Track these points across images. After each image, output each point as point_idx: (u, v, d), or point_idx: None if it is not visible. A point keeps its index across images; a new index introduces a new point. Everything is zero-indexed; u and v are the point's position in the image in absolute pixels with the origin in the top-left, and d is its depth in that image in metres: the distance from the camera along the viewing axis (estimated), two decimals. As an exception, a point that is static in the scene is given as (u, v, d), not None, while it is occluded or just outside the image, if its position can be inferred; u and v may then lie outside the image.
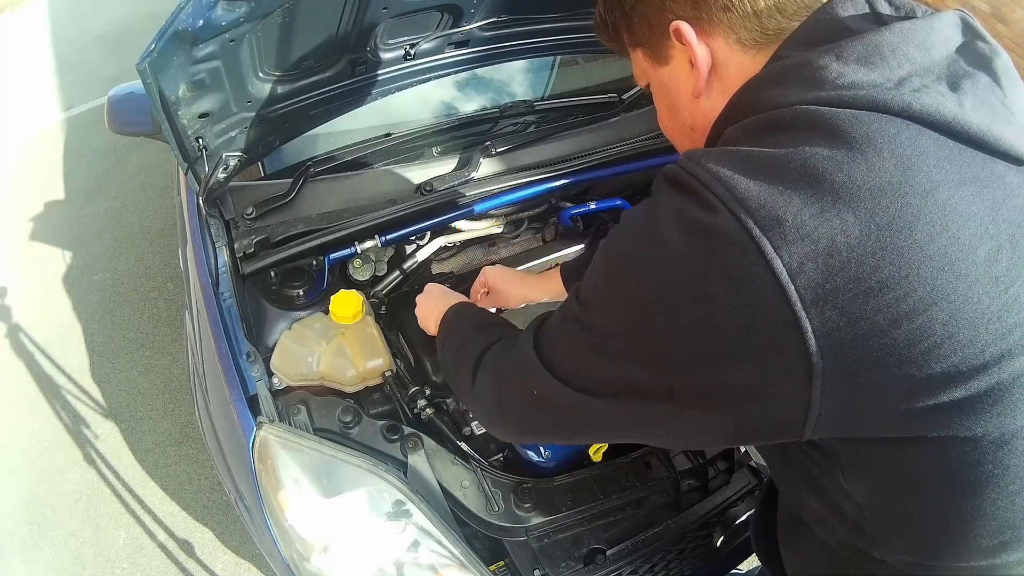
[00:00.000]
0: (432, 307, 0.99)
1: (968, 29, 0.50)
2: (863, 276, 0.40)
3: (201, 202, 1.09)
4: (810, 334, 0.40)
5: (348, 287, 1.21)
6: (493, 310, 1.22)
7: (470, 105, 1.60)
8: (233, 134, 1.03)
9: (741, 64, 0.54)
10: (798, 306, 0.40)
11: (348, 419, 0.99)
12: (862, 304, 0.40)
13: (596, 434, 0.59)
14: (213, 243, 1.11)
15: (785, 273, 0.40)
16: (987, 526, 0.47)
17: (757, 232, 0.41)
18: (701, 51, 0.54)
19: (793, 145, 0.43)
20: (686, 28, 0.54)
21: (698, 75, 0.55)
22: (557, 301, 1.11)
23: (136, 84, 1.20)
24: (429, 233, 1.31)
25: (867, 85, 0.44)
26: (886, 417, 0.43)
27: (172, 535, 1.70)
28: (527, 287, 1.13)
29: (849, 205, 0.40)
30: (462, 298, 0.99)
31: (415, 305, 1.06)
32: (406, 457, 0.96)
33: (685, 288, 0.44)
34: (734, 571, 1.12)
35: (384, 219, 1.17)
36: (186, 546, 1.68)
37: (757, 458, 1.13)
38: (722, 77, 0.55)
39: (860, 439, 0.47)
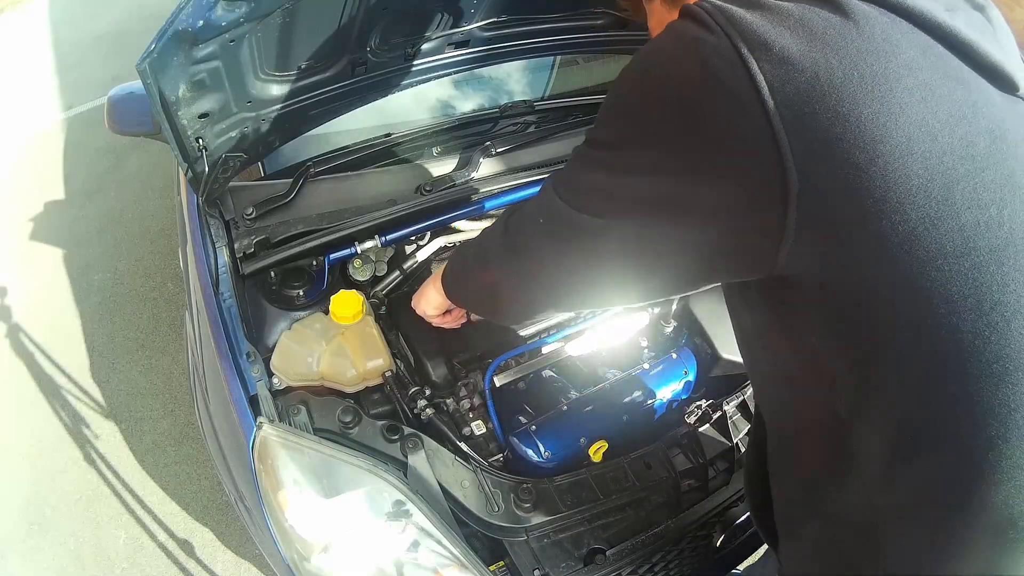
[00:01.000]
0: (426, 287, 1.00)
1: None
2: (842, 110, 0.42)
3: (201, 202, 1.09)
4: (787, 150, 0.43)
5: (348, 287, 1.21)
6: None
7: (470, 105, 1.60)
8: (233, 134, 1.03)
9: None
10: (776, 119, 0.43)
11: (348, 419, 0.99)
12: (840, 134, 0.42)
13: (587, 265, 0.62)
14: (213, 243, 1.11)
15: (766, 87, 0.43)
16: (975, 410, 0.45)
17: (745, 50, 0.44)
18: None
19: (798, 4, 0.47)
20: None
21: None
22: None
23: (136, 84, 1.20)
24: (429, 233, 1.31)
25: None
26: (860, 260, 0.45)
27: (172, 535, 1.70)
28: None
29: (836, 52, 0.44)
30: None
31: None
32: (406, 457, 0.96)
33: (677, 93, 0.48)
34: (734, 571, 1.12)
35: (384, 219, 1.17)
36: (186, 546, 1.68)
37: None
38: None
39: (829, 291, 0.47)
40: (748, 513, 1.02)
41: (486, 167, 1.33)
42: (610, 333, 1.27)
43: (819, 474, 0.59)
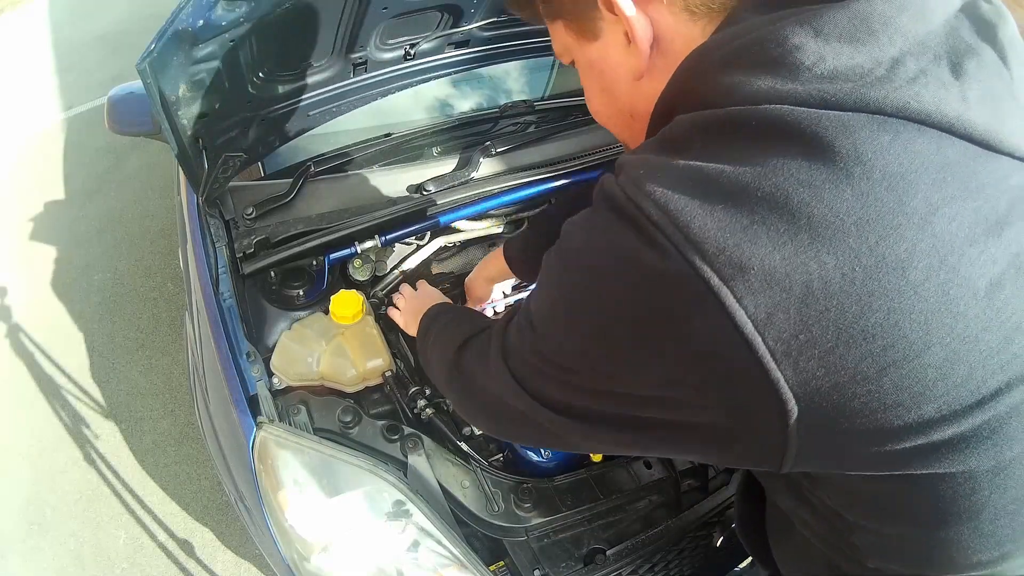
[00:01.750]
0: (419, 306, 0.98)
1: None
2: (845, 325, 0.34)
3: (201, 202, 1.09)
4: (783, 384, 0.35)
5: (348, 287, 1.21)
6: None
7: (470, 105, 1.60)
8: (233, 134, 1.03)
9: (690, 37, 0.44)
10: (767, 359, 0.34)
11: (348, 419, 0.99)
12: (844, 354, 0.34)
13: (566, 446, 0.53)
14: (213, 243, 1.11)
15: (751, 325, 0.34)
16: (986, 543, 0.43)
17: (716, 281, 0.34)
18: (640, 23, 0.44)
19: (762, 161, 0.35)
20: None
21: (638, 53, 0.45)
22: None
23: (136, 84, 1.20)
24: (429, 233, 1.31)
25: (854, 75, 0.36)
26: (871, 457, 0.39)
27: (172, 535, 1.70)
28: (491, 270, 1.13)
29: (830, 244, 0.33)
30: (441, 298, 0.99)
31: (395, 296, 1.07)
32: (406, 457, 0.96)
33: (642, 333, 0.38)
34: (734, 571, 1.12)
35: (384, 219, 1.17)
36: (186, 546, 1.68)
37: None
38: (667, 54, 0.45)
39: (842, 475, 0.42)
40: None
41: (486, 167, 1.33)
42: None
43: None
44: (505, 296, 1.28)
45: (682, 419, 0.41)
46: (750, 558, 1.12)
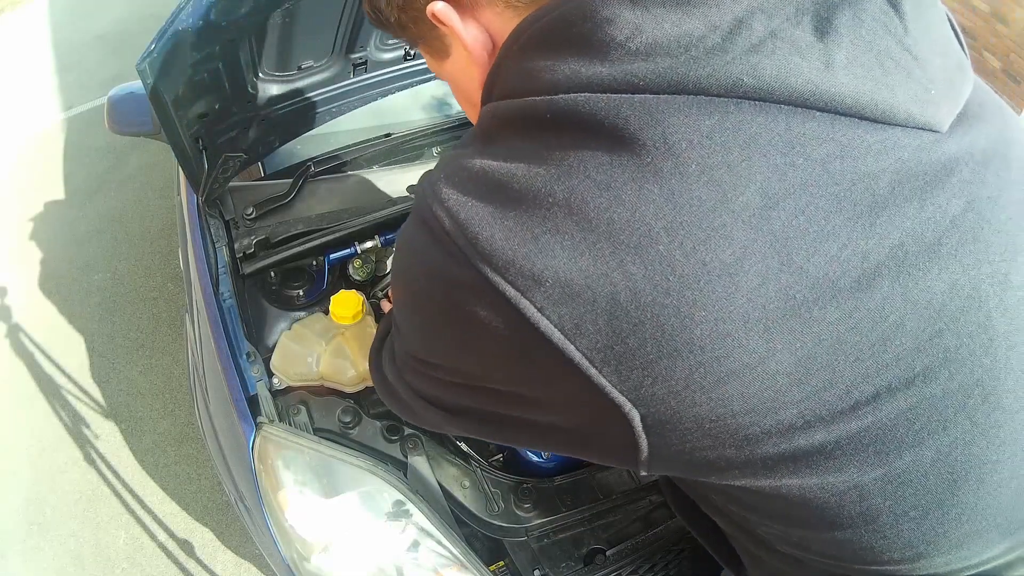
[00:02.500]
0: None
1: None
2: (666, 337, 0.30)
3: (201, 202, 1.09)
4: (610, 388, 0.32)
5: (348, 287, 1.21)
6: None
7: (470, 105, 1.60)
8: (233, 134, 1.03)
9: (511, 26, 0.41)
10: (586, 365, 0.31)
11: (348, 419, 0.99)
12: (670, 365, 0.31)
13: (458, 431, 0.52)
14: (213, 243, 1.11)
15: (558, 334, 0.31)
16: (892, 544, 0.39)
17: (512, 292, 0.31)
18: (470, 33, 0.41)
19: (559, 160, 0.32)
20: (442, 9, 0.40)
21: (476, 63, 0.42)
22: None
23: (136, 84, 1.20)
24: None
25: (677, 47, 0.30)
26: (735, 463, 0.35)
27: (172, 535, 1.70)
28: None
29: (635, 252, 0.30)
30: None
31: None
32: (406, 457, 0.96)
33: (461, 341, 0.37)
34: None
35: (384, 219, 1.17)
36: (186, 546, 1.68)
37: None
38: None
39: (714, 482, 0.39)
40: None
41: (486, 167, 1.33)
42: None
43: None
44: None
45: (537, 418, 0.39)
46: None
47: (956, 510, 0.37)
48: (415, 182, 1.27)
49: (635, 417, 0.33)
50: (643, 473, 0.38)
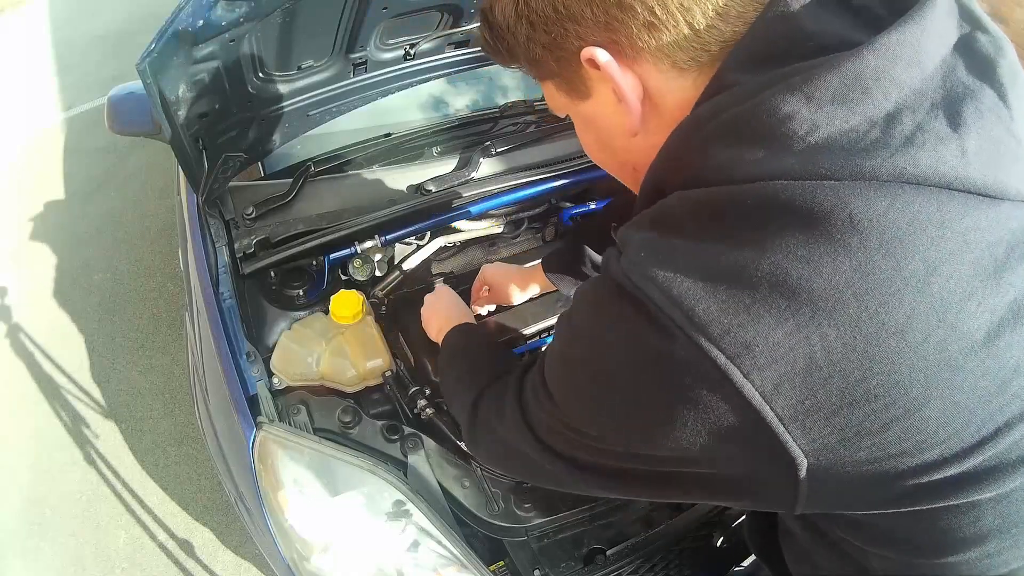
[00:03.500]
0: (436, 315, 0.98)
1: (964, 12, 0.41)
2: (848, 389, 0.35)
3: (201, 202, 1.09)
4: (792, 444, 0.37)
5: (348, 287, 1.21)
6: (493, 308, 1.22)
7: (470, 105, 1.60)
8: (233, 134, 1.03)
9: (682, 91, 0.44)
10: (776, 424, 0.36)
11: (348, 419, 0.99)
12: (848, 414, 0.36)
13: (582, 491, 0.54)
14: (213, 243, 1.11)
15: (759, 397, 0.36)
16: (992, 564, 0.44)
17: (723, 360, 0.35)
18: (627, 82, 0.44)
19: (760, 239, 0.36)
20: (603, 57, 0.43)
21: (629, 110, 0.46)
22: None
23: (136, 84, 1.20)
24: (429, 233, 1.31)
25: (848, 140, 0.36)
26: (877, 498, 0.40)
27: (172, 535, 1.70)
28: (526, 282, 1.13)
29: (830, 316, 0.35)
30: (467, 313, 0.99)
31: (421, 303, 1.06)
32: (406, 457, 0.96)
33: (655, 413, 0.40)
34: (734, 569, 1.12)
35: (384, 219, 1.17)
36: (186, 546, 1.68)
37: None
38: (659, 109, 0.46)
39: (854, 515, 0.45)
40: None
41: (486, 167, 1.33)
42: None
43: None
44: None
45: (698, 473, 0.42)
46: (750, 558, 1.12)
47: None
48: (415, 182, 1.28)
49: (803, 468, 0.37)
50: (795, 513, 0.42)
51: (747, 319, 0.35)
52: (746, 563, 1.12)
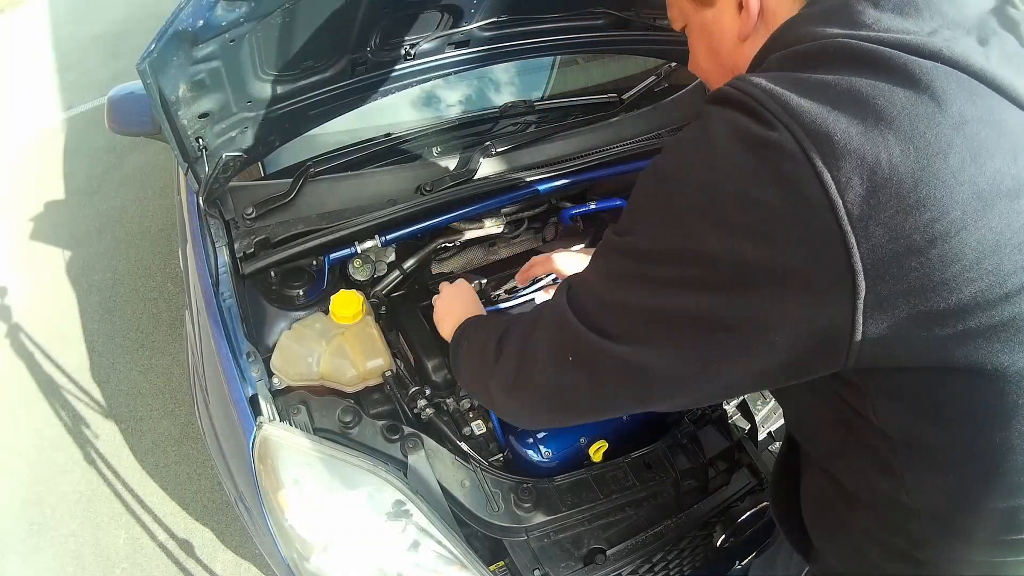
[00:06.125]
0: (452, 308, 0.94)
1: None
2: (903, 194, 0.41)
3: (201, 202, 1.09)
4: (855, 251, 0.42)
5: (348, 287, 1.21)
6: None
7: (470, 105, 1.60)
8: (233, 134, 1.03)
9: (788, 9, 0.54)
10: (845, 221, 0.41)
11: (348, 419, 0.99)
12: (901, 221, 0.41)
13: (634, 399, 0.55)
14: (213, 243, 1.11)
15: (834, 186, 0.41)
16: (1016, 460, 0.48)
17: (808, 143, 0.42)
18: None
19: (837, 72, 0.45)
20: None
21: (748, 18, 0.56)
22: None
23: (136, 84, 1.20)
24: (429, 233, 1.31)
25: (901, 31, 0.46)
26: (919, 343, 0.45)
27: (172, 535, 1.70)
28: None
29: (891, 127, 0.42)
30: (475, 301, 0.98)
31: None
32: (406, 457, 0.96)
33: (738, 194, 0.45)
34: (734, 569, 1.12)
35: (384, 219, 1.17)
36: (186, 546, 1.68)
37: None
38: (768, 22, 0.56)
39: (892, 369, 0.47)
40: (749, 512, 1.02)
41: (486, 167, 1.33)
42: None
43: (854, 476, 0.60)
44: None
45: (762, 301, 0.45)
46: (750, 557, 1.12)
47: None
48: (415, 182, 1.28)
49: (861, 292, 0.42)
50: (845, 366, 0.46)
51: (829, 116, 0.43)
52: (746, 562, 1.12)
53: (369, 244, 1.19)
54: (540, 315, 0.61)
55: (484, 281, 1.32)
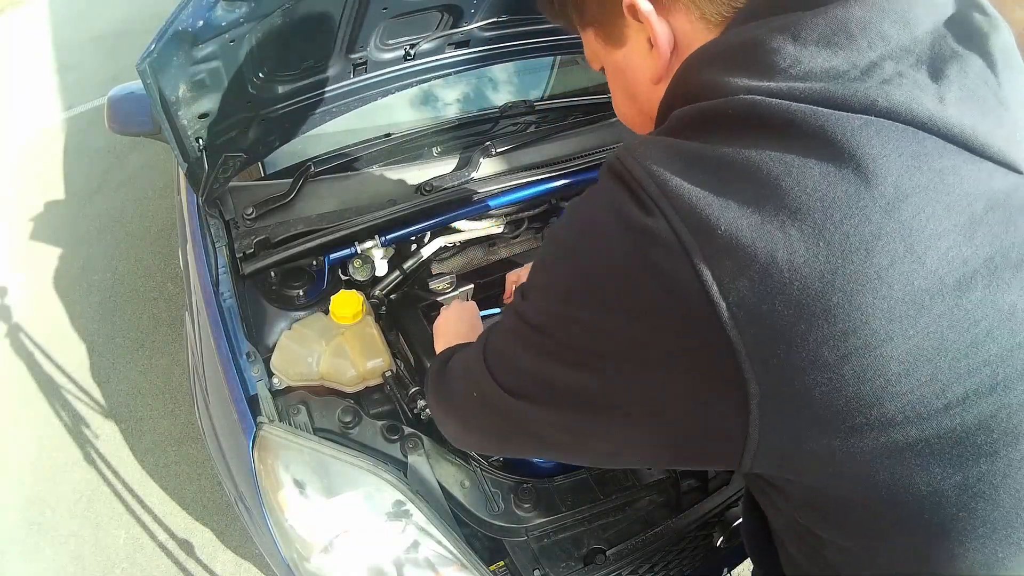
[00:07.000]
0: (445, 331, 0.92)
1: None
2: (806, 301, 0.34)
3: (201, 202, 1.09)
4: (744, 356, 0.35)
5: (348, 287, 1.21)
6: None
7: (470, 105, 1.60)
8: (233, 134, 1.03)
9: (704, 38, 0.47)
10: (730, 326, 0.35)
11: (348, 419, 0.99)
12: (804, 333, 0.34)
13: (528, 445, 0.54)
14: (213, 243, 1.12)
15: (715, 287, 0.35)
16: (959, 567, 0.41)
17: (686, 235, 0.36)
18: (662, 30, 0.47)
19: (738, 141, 0.38)
20: (645, 6, 0.46)
21: (659, 58, 0.48)
22: None
23: (136, 84, 1.20)
24: (429, 233, 1.31)
25: (825, 75, 0.38)
26: (832, 456, 0.38)
27: (172, 535, 1.70)
28: None
29: (795, 217, 0.34)
30: (474, 323, 0.93)
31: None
32: (406, 457, 0.96)
33: (617, 283, 0.40)
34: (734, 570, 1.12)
35: (384, 219, 1.17)
36: (186, 546, 1.68)
37: None
38: (683, 59, 0.48)
39: (809, 479, 0.41)
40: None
41: (486, 167, 1.33)
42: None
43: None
44: None
45: (642, 391, 0.41)
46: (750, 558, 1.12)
47: (1019, 533, 0.39)
48: (415, 182, 1.28)
49: (755, 396, 0.36)
50: (742, 471, 0.41)
51: (716, 203, 0.36)
52: (746, 562, 1.12)
53: (369, 244, 1.19)
54: (471, 347, 0.59)
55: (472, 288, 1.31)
